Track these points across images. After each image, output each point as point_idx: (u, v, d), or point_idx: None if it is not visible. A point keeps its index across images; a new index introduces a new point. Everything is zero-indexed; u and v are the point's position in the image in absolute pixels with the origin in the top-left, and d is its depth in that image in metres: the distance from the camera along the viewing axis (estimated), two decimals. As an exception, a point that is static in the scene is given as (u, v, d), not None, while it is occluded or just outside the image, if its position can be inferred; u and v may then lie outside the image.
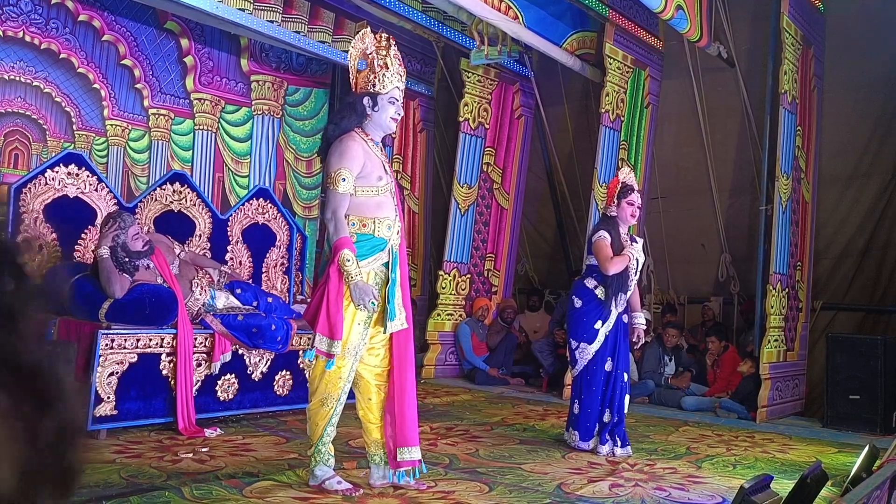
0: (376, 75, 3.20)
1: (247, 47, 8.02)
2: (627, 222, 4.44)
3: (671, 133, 8.27)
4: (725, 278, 7.97)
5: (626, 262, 4.29)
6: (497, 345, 7.72)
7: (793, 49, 6.39)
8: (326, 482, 3.17)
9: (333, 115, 3.23)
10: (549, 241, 9.51)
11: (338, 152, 3.13)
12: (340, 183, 3.07)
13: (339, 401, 3.19)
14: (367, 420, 3.31)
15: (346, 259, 3.03)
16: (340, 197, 3.09)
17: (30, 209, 4.60)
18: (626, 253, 4.30)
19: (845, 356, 5.90)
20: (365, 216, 3.17)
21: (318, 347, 3.11)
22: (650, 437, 4.98)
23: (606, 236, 4.34)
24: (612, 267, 4.27)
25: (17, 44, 6.40)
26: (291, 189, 8.49)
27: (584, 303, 4.41)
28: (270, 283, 5.95)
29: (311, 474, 3.23)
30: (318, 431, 3.18)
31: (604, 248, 4.31)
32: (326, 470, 3.20)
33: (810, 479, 2.69)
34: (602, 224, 4.50)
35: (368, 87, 3.21)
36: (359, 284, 3.03)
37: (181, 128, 7.60)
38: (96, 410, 3.91)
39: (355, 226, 3.17)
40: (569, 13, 7.40)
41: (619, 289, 4.33)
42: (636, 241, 4.50)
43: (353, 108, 3.22)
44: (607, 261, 4.28)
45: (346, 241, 3.06)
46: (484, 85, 8.23)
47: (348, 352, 3.15)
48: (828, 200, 7.26)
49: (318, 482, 3.19)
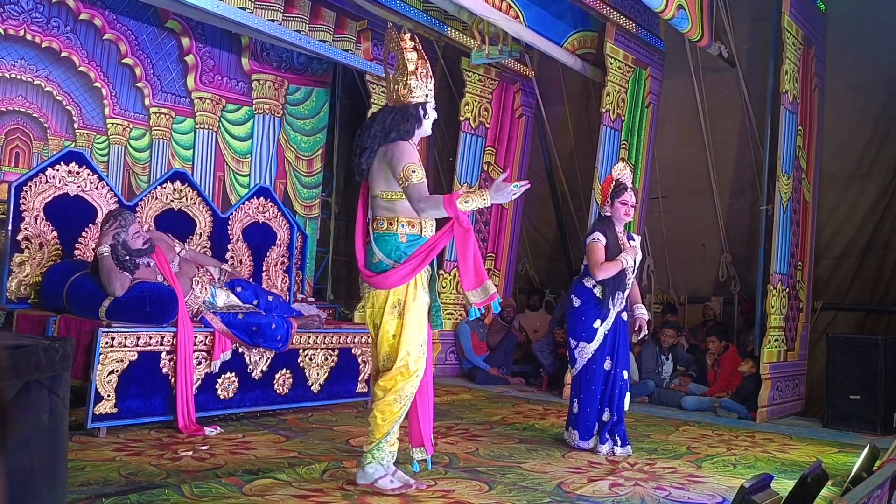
0: (423, 82, 3.26)
1: (248, 46, 8.03)
2: (622, 221, 4.44)
3: (672, 133, 8.27)
4: (726, 278, 7.97)
5: (616, 269, 4.29)
6: (497, 344, 7.73)
7: (794, 49, 6.38)
8: (379, 481, 3.16)
9: (388, 124, 3.24)
10: (549, 240, 9.51)
11: (398, 151, 3.15)
12: (413, 175, 3.08)
13: (411, 399, 3.23)
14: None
15: (464, 201, 3.03)
16: (421, 184, 3.09)
17: (30, 207, 4.60)
18: (618, 259, 4.29)
19: (846, 356, 5.90)
20: (413, 217, 3.21)
21: (476, 302, 3.18)
22: (650, 437, 4.97)
23: (600, 239, 4.34)
24: (601, 273, 4.29)
25: (19, 42, 6.40)
26: (292, 188, 8.49)
27: (582, 302, 4.41)
28: (271, 281, 5.95)
29: (361, 473, 3.20)
30: (384, 428, 3.17)
31: (594, 252, 4.33)
32: (380, 468, 3.20)
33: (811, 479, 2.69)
34: (597, 225, 4.51)
35: (409, 95, 3.25)
36: (493, 189, 3.05)
37: (182, 126, 7.61)
38: (96, 408, 3.91)
39: (405, 227, 3.20)
40: (570, 12, 7.39)
41: (617, 287, 4.33)
42: (633, 239, 4.51)
43: (410, 116, 3.25)
44: (596, 266, 4.30)
45: (449, 198, 3.05)
46: (485, 84, 8.23)
47: (423, 351, 3.21)
48: (829, 200, 7.25)
49: (369, 481, 3.17)
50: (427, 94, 3.30)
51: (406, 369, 3.15)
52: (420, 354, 3.20)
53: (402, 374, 3.15)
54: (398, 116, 3.24)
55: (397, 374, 3.16)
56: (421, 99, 3.28)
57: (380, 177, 3.24)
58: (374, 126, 3.27)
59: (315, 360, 5.06)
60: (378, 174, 3.24)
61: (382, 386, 3.18)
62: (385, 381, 3.17)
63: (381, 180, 3.23)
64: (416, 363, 3.18)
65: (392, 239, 3.21)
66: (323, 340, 5.13)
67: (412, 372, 3.17)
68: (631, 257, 4.34)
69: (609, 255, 4.31)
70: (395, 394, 3.15)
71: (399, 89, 3.28)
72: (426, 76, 3.29)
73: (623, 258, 4.29)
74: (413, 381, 3.18)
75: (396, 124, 3.23)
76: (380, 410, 3.17)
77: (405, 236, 3.21)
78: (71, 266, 4.54)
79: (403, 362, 3.15)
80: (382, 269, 3.20)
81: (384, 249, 3.21)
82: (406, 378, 3.16)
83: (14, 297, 4.54)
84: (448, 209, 3.05)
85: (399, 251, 3.20)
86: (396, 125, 3.23)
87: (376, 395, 3.21)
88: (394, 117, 3.25)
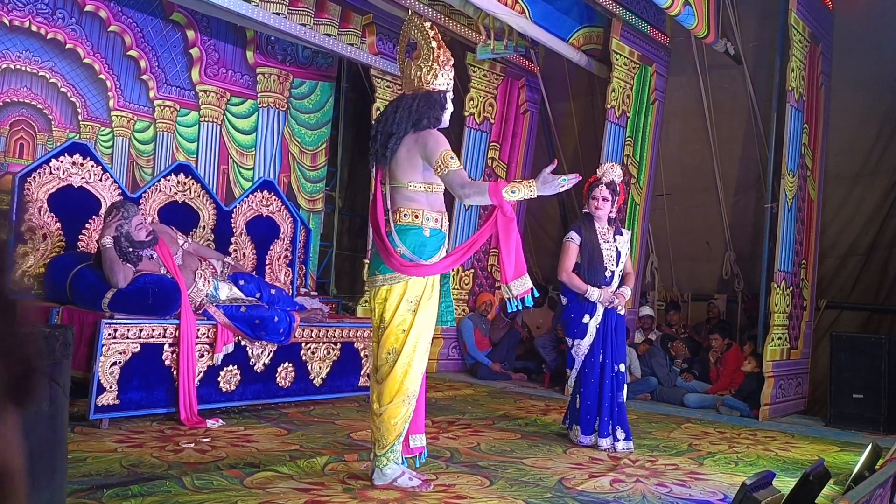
0: (444, 71, 3.22)
1: (253, 39, 8.01)
2: (598, 217, 4.49)
3: (677, 130, 8.25)
4: (730, 276, 7.95)
5: (578, 289, 4.36)
6: (500, 340, 7.72)
7: (800, 46, 6.36)
8: (399, 479, 3.15)
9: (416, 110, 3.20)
10: (553, 237, 9.49)
11: (433, 139, 3.10)
12: (452, 161, 3.04)
13: (416, 395, 3.19)
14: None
15: (511, 191, 3.00)
16: (461, 170, 3.05)
17: (34, 198, 4.60)
18: (587, 288, 4.34)
19: (849, 355, 5.89)
20: (438, 211, 3.20)
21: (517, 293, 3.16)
22: (652, 434, 4.97)
23: (574, 238, 4.44)
24: (564, 277, 4.41)
25: (24, 33, 6.40)
26: (296, 182, 8.48)
27: (568, 300, 4.48)
28: (274, 275, 5.95)
29: (378, 474, 3.16)
30: (397, 430, 3.13)
31: (564, 252, 4.45)
32: (397, 468, 3.18)
33: (812, 477, 2.68)
34: (575, 223, 4.61)
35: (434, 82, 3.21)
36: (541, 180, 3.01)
37: (186, 119, 7.61)
38: (99, 400, 3.91)
39: (429, 220, 3.17)
40: (575, 8, 7.37)
41: (592, 283, 4.37)
42: (621, 234, 4.56)
43: (437, 105, 3.22)
44: (561, 267, 4.43)
45: (494, 186, 3.02)
46: (489, 80, 8.21)
47: (427, 347, 3.18)
48: (834, 198, 7.22)
49: (388, 481, 3.14)
50: (448, 84, 3.25)
51: (409, 366, 3.11)
52: (425, 351, 3.18)
53: (405, 371, 3.11)
54: (424, 104, 3.17)
55: (398, 375, 3.12)
56: (444, 87, 3.23)
57: (407, 166, 3.15)
58: (400, 112, 3.18)
59: (317, 354, 5.06)
60: (405, 163, 3.15)
61: (388, 390, 3.11)
62: (389, 383, 3.11)
63: (409, 169, 3.15)
64: (421, 360, 3.16)
65: (417, 232, 3.14)
66: (325, 334, 5.12)
67: (415, 370, 3.13)
68: (598, 292, 4.35)
69: (584, 254, 4.41)
70: (402, 395, 3.12)
71: (423, 75, 3.21)
72: (449, 65, 3.25)
73: (590, 293, 4.35)
74: (417, 378, 3.16)
75: (426, 111, 3.17)
76: (389, 414, 3.12)
77: (429, 230, 3.16)
78: (74, 257, 4.54)
79: (408, 358, 3.11)
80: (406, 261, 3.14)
81: (407, 242, 3.13)
82: (412, 377, 3.12)
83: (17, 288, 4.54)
84: (493, 197, 3.01)
85: (423, 245, 3.14)
86: (426, 112, 3.17)
87: (381, 399, 3.13)
88: (419, 104, 3.17)
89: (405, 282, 3.12)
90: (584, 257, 4.42)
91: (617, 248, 4.47)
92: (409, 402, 3.15)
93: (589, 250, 4.41)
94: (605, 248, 4.43)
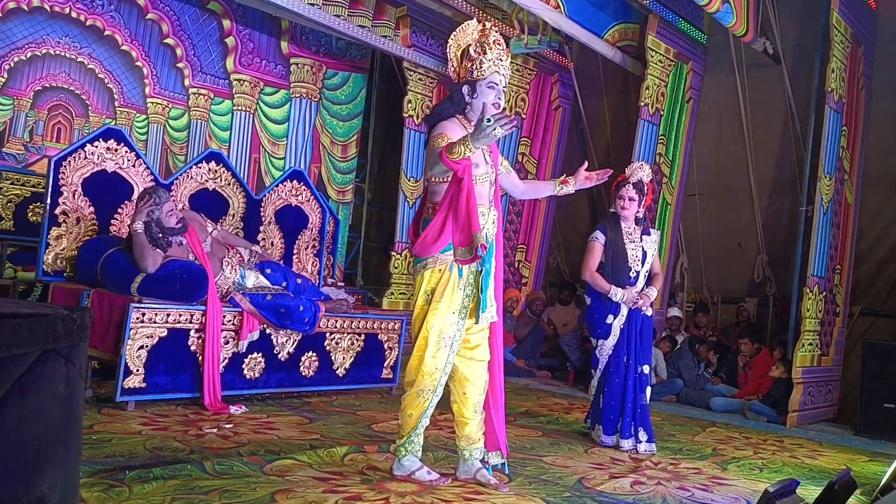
0: (473, 62, 3.17)
1: (287, 30, 8.06)
2: (625, 216, 4.44)
3: (712, 129, 8.13)
4: (761, 279, 7.83)
5: (602, 288, 4.32)
6: (525, 336, 7.70)
7: (842, 47, 6.21)
8: (416, 472, 3.16)
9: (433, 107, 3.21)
10: (582, 234, 9.40)
11: (437, 130, 3.12)
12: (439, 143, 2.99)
13: (434, 392, 3.16)
14: (460, 414, 3.26)
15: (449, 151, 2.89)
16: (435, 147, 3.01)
17: (69, 182, 4.68)
18: (610, 288, 4.30)
19: (881, 363, 5.77)
20: None
21: (459, 259, 3.04)
22: (676, 437, 4.91)
23: (598, 238, 4.40)
24: (587, 276, 4.38)
25: (64, 20, 6.51)
26: (326, 173, 8.53)
27: (592, 300, 4.45)
28: (301, 264, 5.99)
29: (397, 464, 3.19)
30: (411, 422, 3.15)
31: (588, 252, 4.41)
32: (415, 460, 3.19)
33: (838, 486, 2.63)
34: (601, 223, 4.58)
35: (467, 76, 3.19)
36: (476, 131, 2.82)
37: (220, 108, 7.68)
38: (125, 382, 3.97)
39: None
40: (611, 4, 7.29)
41: (616, 283, 4.32)
42: (649, 234, 4.50)
43: (450, 98, 3.23)
44: (585, 267, 4.40)
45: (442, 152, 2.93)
46: (522, 74, 8.16)
47: (444, 342, 3.12)
48: (872, 203, 7.06)
49: (406, 472, 3.16)
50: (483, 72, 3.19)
51: (422, 360, 3.10)
52: (440, 349, 3.11)
53: (419, 364, 3.10)
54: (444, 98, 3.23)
55: (413, 367, 3.14)
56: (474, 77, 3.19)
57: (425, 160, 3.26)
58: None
59: (341, 345, 5.09)
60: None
61: (407, 381, 3.17)
62: (407, 372, 3.18)
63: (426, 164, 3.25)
64: (435, 358, 3.10)
65: None
66: (350, 325, 5.15)
67: (428, 365, 3.09)
68: (621, 293, 4.31)
69: (608, 254, 4.37)
70: (416, 387, 3.14)
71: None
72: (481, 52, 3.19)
73: (613, 293, 4.31)
74: (433, 373, 3.11)
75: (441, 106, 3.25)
76: (405, 404, 3.16)
77: None
78: (106, 241, 4.62)
79: (421, 351, 3.11)
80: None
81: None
82: (425, 372, 3.10)
83: (51, 269, 4.63)
84: (444, 164, 2.96)
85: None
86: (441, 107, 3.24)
87: (404, 387, 3.22)
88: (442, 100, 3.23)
89: (422, 273, 3.15)
90: (608, 257, 4.38)
91: (643, 249, 4.42)
92: (425, 397, 3.13)
93: (613, 250, 4.37)
94: (630, 249, 4.38)
